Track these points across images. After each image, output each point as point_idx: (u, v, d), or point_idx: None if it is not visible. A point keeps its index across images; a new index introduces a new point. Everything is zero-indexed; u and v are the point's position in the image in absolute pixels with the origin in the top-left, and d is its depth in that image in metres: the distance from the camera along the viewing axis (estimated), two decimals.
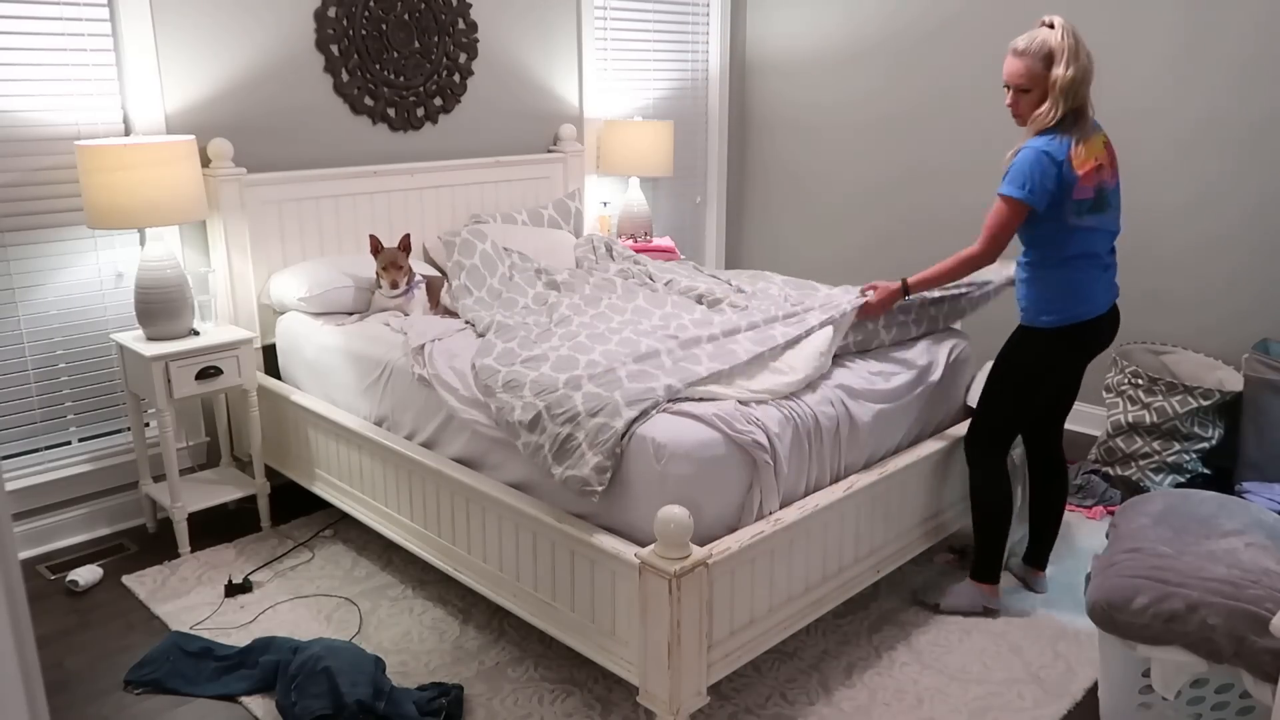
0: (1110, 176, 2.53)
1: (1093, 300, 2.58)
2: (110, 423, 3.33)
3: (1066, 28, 2.47)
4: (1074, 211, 2.46)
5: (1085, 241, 2.52)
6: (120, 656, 2.59)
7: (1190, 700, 2.02)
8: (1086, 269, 2.55)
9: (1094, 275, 2.57)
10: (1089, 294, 2.57)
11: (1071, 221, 2.47)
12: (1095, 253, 2.56)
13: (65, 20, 3.01)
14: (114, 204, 2.85)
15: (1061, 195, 2.44)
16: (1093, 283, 2.57)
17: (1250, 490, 3.21)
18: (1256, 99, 3.58)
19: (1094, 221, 2.50)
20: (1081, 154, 2.44)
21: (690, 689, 2.10)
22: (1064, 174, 2.42)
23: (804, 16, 4.93)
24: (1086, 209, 2.47)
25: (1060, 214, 2.46)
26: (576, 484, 2.21)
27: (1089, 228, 2.50)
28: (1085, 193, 2.46)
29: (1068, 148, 2.43)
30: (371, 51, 3.71)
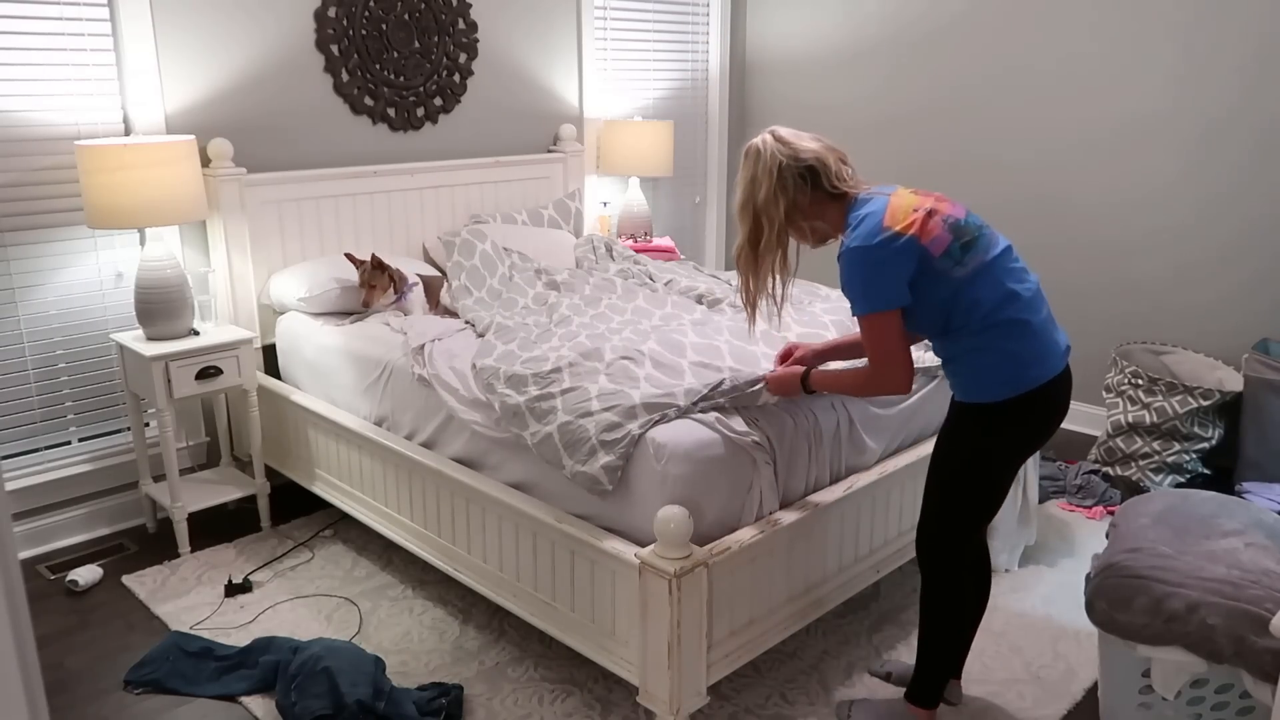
0: (947, 209, 2.03)
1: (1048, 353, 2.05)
2: (110, 423, 3.33)
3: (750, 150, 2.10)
4: (952, 265, 1.97)
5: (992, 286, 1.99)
6: (120, 656, 2.59)
7: (1190, 700, 2.02)
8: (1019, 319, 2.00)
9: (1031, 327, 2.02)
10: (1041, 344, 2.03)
11: (958, 275, 1.97)
12: (1014, 293, 2.00)
13: (65, 20, 3.01)
14: (114, 204, 2.85)
15: (919, 266, 1.96)
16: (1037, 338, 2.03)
17: (1250, 490, 3.21)
18: (1259, 103, 3.58)
19: (980, 260, 1.99)
20: (896, 215, 1.97)
21: (690, 689, 2.10)
22: (899, 246, 1.94)
23: (804, 16, 4.93)
24: (959, 252, 1.97)
25: (941, 282, 1.97)
26: (587, 481, 2.21)
27: (983, 269, 1.99)
28: (942, 241, 1.96)
29: (878, 221, 1.96)
30: (371, 51, 3.71)
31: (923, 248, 1.95)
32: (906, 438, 2.79)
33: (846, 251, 2.00)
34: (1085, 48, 3.97)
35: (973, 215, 2.07)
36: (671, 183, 5.03)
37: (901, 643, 2.65)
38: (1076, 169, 4.08)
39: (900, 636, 2.68)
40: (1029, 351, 2.01)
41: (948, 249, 1.97)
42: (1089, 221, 4.08)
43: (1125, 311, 4.04)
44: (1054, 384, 2.05)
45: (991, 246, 2.03)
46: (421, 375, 2.76)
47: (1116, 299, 4.05)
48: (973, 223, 2.04)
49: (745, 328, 2.52)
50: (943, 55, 4.42)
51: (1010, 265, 2.03)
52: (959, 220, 2.01)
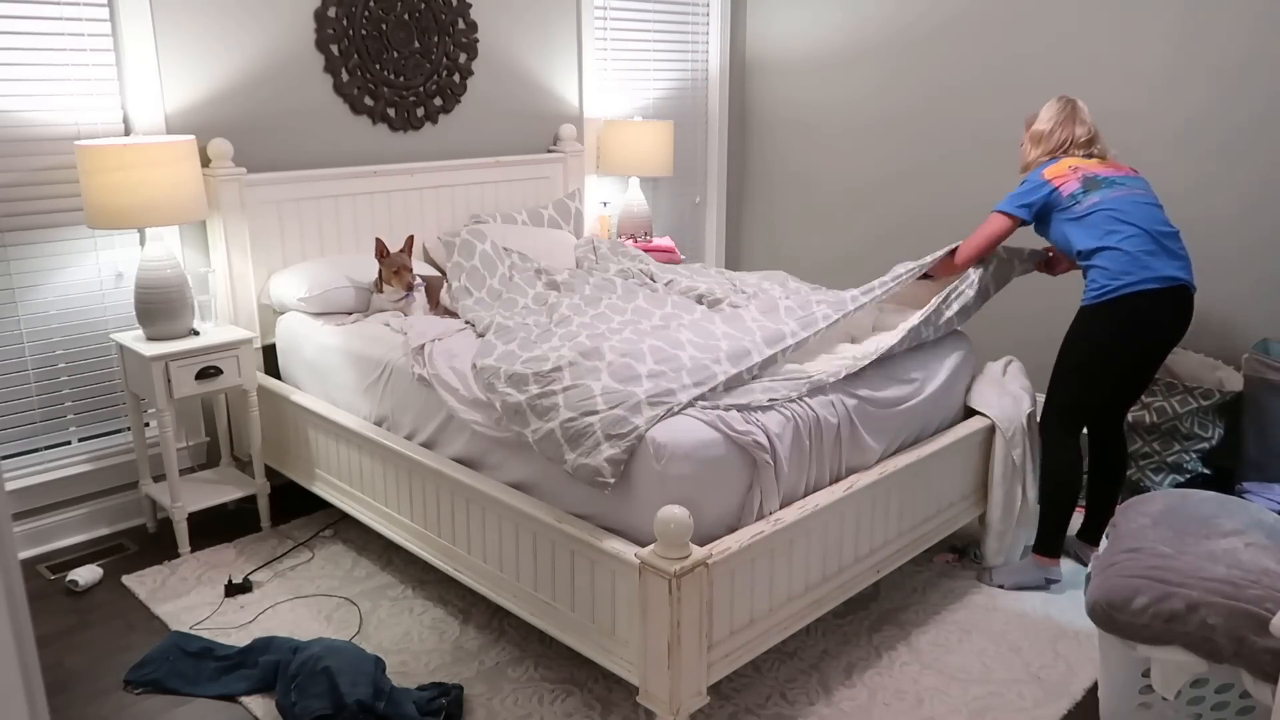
0: (1097, 169, 2.79)
1: (1139, 271, 2.66)
2: (110, 423, 3.33)
3: (1060, 101, 2.97)
4: (1073, 202, 2.75)
5: (1110, 218, 2.70)
6: (120, 656, 2.59)
7: (1190, 700, 2.02)
8: (1129, 242, 2.67)
9: (1141, 246, 2.67)
10: (1135, 265, 2.66)
11: (1079, 210, 2.74)
12: (1131, 223, 2.69)
13: (65, 20, 3.01)
14: (114, 204, 2.86)
15: (1048, 202, 2.80)
16: (1139, 255, 2.66)
17: (1250, 490, 3.21)
18: (1256, 99, 3.57)
19: (1099, 198, 2.72)
20: (1053, 169, 2.82)
21: (690, 689, 2.10)
22: (1039, 186, 2.82)
23: (804, 16, 4.93)
24: (1081, 193, 2.75)
25: (1065, 213, 2.77)
26: (588, 473, 2.21)
27: (1100, 206, 2.71)
28: (1070, 185, 2.77)
29: (1040, 170, 2.86)
30: (371, 51, 3.71)
31: (1053, 189, 2.79)
32: (907, 438, 2.79)
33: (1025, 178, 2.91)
34: (1086, 48, 3.97)
35: (1127, 178, 2.80)
36: (671, 183, 5.03)
37: (901, 643, 2.65)
38: None
39: (900, 637, 2.68)
40: (1120, 268, 2.66)
41: (1073, 192, 2.76)
42: None
43: None
44: (1142, 296, 2.65)
45: (1117, 198, 2.72)
46: (421, 375, 2.76)
47: None
48: (1110, 180, 2.76)
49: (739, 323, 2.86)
50: (943, 55, 4.42)
51: (1127, 208, 2.71)
52: (1096, 175, 2.77)
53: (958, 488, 2.94)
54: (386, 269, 3.30)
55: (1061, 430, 2.86)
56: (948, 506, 2.92)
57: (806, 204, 5.12)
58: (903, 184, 4.69)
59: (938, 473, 2.83)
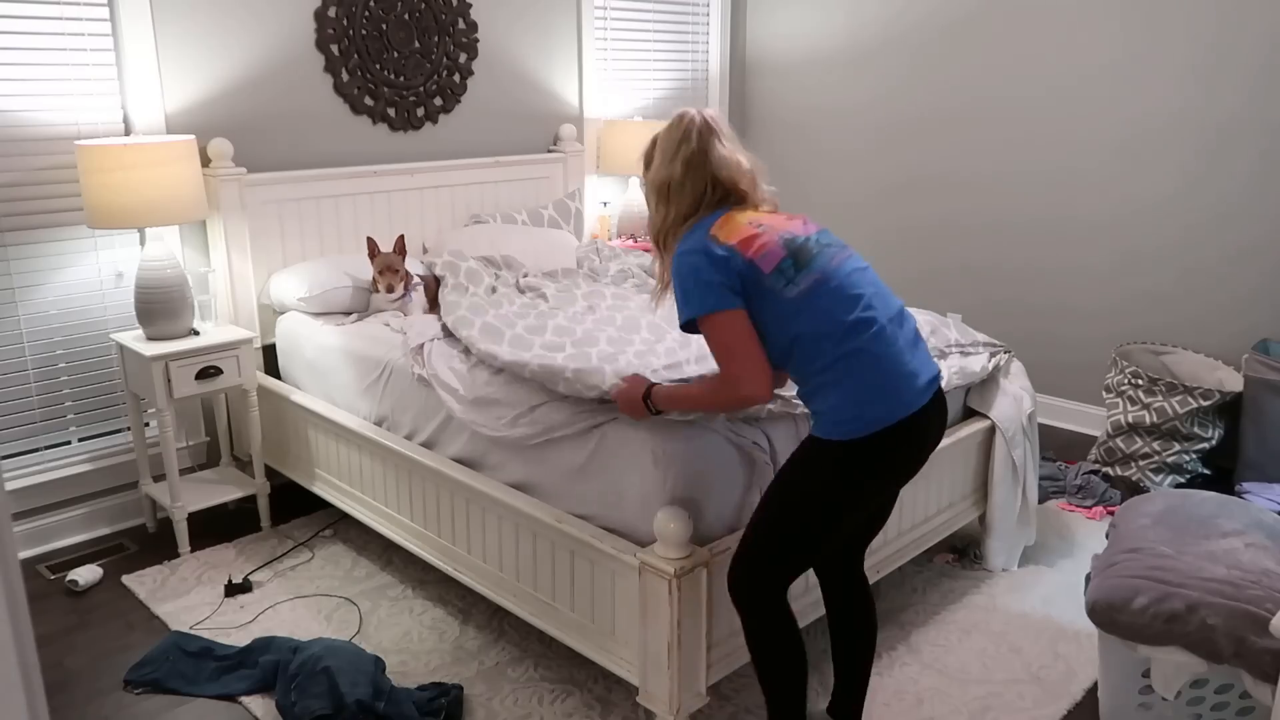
0: (790, 226, 1.94)
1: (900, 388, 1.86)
2: (110, 423, 3.33)
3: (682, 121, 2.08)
4: (785, 283, 1.85)
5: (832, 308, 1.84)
6: (120, 656, 2.59)
7: (1190, 700, 2.02)
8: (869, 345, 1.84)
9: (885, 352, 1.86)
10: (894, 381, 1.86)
11: (792, 295, 1.84)
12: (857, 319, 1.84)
13: (65, 20, 3.01)
14: (114, 204, 2.86)
15: (747, 283, 1.85)
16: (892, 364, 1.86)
17: (1250, 490, 3.22)
18: (1261, 107, 3.57)
19: (815, 275, 1.86)
20: (724, 228, 1.90)
21: (690, 689, 2.10)
22: (718, 254, 1.86)
23: (805, 17, 4.93)
24: (792, 269, 1.85)
25: (773, 302, 1.85)
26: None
27: (817, 286, 1.85)
28: (773, 256, 1.86)
29: (704, 231, 1.91)
30: (371, 51, 3.71)
31: (748, 262, 1.84)
32: None
33: (676, 260, 1.93)
34: (1090, 53, 3.97)
35: (824, 233, 1.95)
36: None
37: (902, 644, 2.65)
38: (1079, 173, 4.08)
39: (900, 637, 2.68)
40: (874, 388, 1.83)
41: (779, 265, 1.85)
42: (1090, 222, 4.08)
43: (1125, 311, 4.04)
44: (904, 425, 1.85)
45: (835, 265, 1.89)
46: (421, 375, 2.75)
47: (1116, 299, 4.05)
48: (818, 240, 1.92)
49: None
50: (946, 59, 4.42)
51: (858, 289, 1.88)
52: (796, 236, 1.90)
53: (958, 488, 2.94)
54: (376, 268, 3.30)
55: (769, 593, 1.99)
56: (948, 506, 2.92)
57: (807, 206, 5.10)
58: (905, 189, 4.69)
59: (938, 473, 2.83)
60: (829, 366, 1.84)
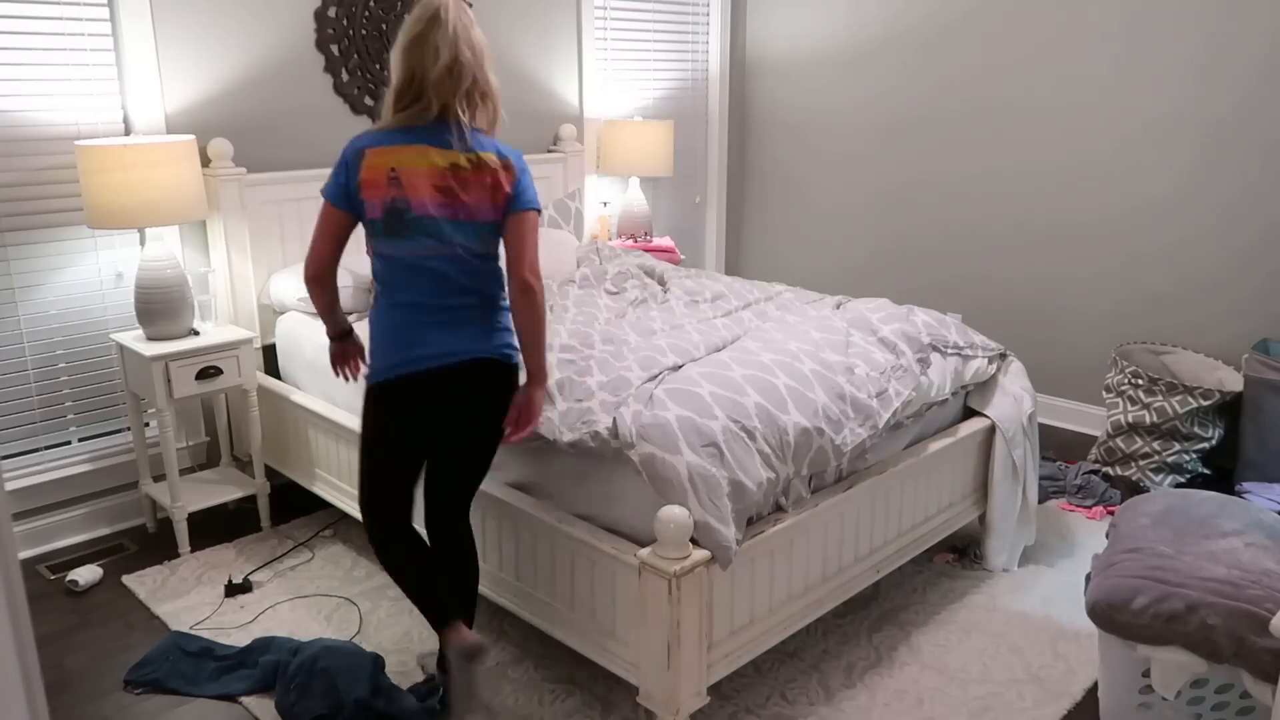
0: (420, 197, 2.00)
1: (387, 353, 2.08)
2: (110, 423, 3.33)
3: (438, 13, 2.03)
4: (370, 231, 2.07)
5: (391, 272, 2.06)
6: (120, 656, 2.59)
7: (1190, 700, 2.02)
8: (396, 311, 2.08)
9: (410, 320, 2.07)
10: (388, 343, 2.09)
11: (372, 238, 2.07)
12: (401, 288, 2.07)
13: (65, 20, 3.01)
14: (114, 204, 2.86)
15: (349, 199, 2.06)
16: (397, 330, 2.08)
17: (1250, 490, 3.22)
18: (1261, 106, 3.57)
19: (390, 248, 2.04)
20: (374, 158, 2.01)
21: (690, 689, 2.10)
22: (349, 173, 2.04)
23: (805, 17, 4.93)
24: (379, 230, 2.04)
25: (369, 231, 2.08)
26: None
27: (387, 256, 2.06)
28: (372, 210, 2.02)
29: (364, 144, 2.04)
30: (371, 51, 3.71)
31: (356, 193, 2.04)
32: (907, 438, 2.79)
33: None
34: (1090, 53, 3.97)
35: (447, 224, 2.03)
36: (671, 183, 5.03)
37: (902, 644, 2.65)
38: (1079, 173, 4.08)
39: (901, 637, 2.68)
40: (385, 345, 2.08)
41: (370, 218, 2.04)
42: (1090, 223, 4.08)
43: (1125, 311, 4.04)
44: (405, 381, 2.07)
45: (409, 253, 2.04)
46: None
47: (1117, 299, 4.05)
48: (427, 227, 2.02)
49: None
50: (946, 60, 4.42)
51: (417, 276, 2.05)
52: (408, 212, 2.01)
53: (958, 488, 2.94)
54: None
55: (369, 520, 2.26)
56: (948, 506, 2.92)
57: (807, 205, 5.12)
58: (905, 189, 4.69)
59: (938, 473, 2.83)
60: (375, 309, 2.12)
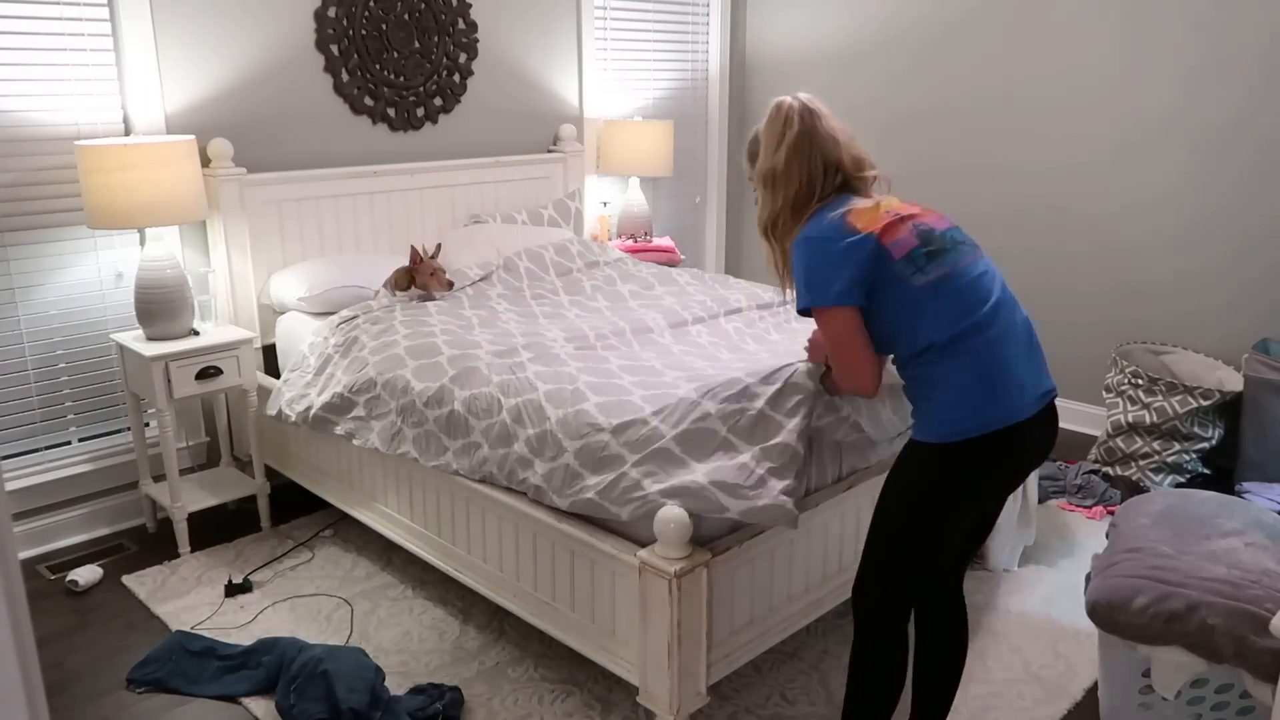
0: (926, 218, 1.91)
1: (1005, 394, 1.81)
2: (110, 423, 3.33)
3: (781, 109, 2.06)
4: (913, 271, 1.82)
5: (954, 306, 1.81)
6: (120, 656, 2.59)
7: (1190, 700, 2.02)
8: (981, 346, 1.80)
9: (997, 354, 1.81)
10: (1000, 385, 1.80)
11: (920, 284, 1.81)
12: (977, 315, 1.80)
13: (65, 20, 3.01)
14: (114, 204, 2.86)
15: (876, 267, 1.83)
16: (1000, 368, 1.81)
17: (1250, 490, 3.21)
18: (1260, 106, 3.57)
19: (944, 268, 1.83)
20: (862, 215, 1.87)
21: (690, 689, 2.10)
22: (847, 241, 1.83)
23: (805, 16, 4.93)
24: (924, 259, 1.82)
25: (899, 288, 1.83)
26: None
27: (946, 279, 1.82)
28: (906, 244, 1.83)
29: (840, 216, 1.87)
30: (371, 51, 3.71)
31: (882, 247, 1.82)
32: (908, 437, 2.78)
33: (797, 242, 1.89)
34: (1091, 53, 3.97)
35: (957, 230, 1.91)
36: (671, 183, 5.03)
37: None
38: (1079, 172, 4.08)
39: None
40: (979, 392, 1.79)
41: (910, 253, 1.82)
42: (1090, 222, 4.08)
43: (1125, 311, 4.04)
44: (1006, 434, 1.79)
45: (966, 264, 1.85)
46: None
47: (1117, 299, 4.05)
48: (951, 236, 1.88)
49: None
50: (946, 59, 4.41)
51: (983, 290, 1.84)
52: (933, 229, 1.87)
53: None
54: (422, 274, 3.30)
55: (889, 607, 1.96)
56: None
57: None
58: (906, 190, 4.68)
59: None
60: (938, 362, 1.81)
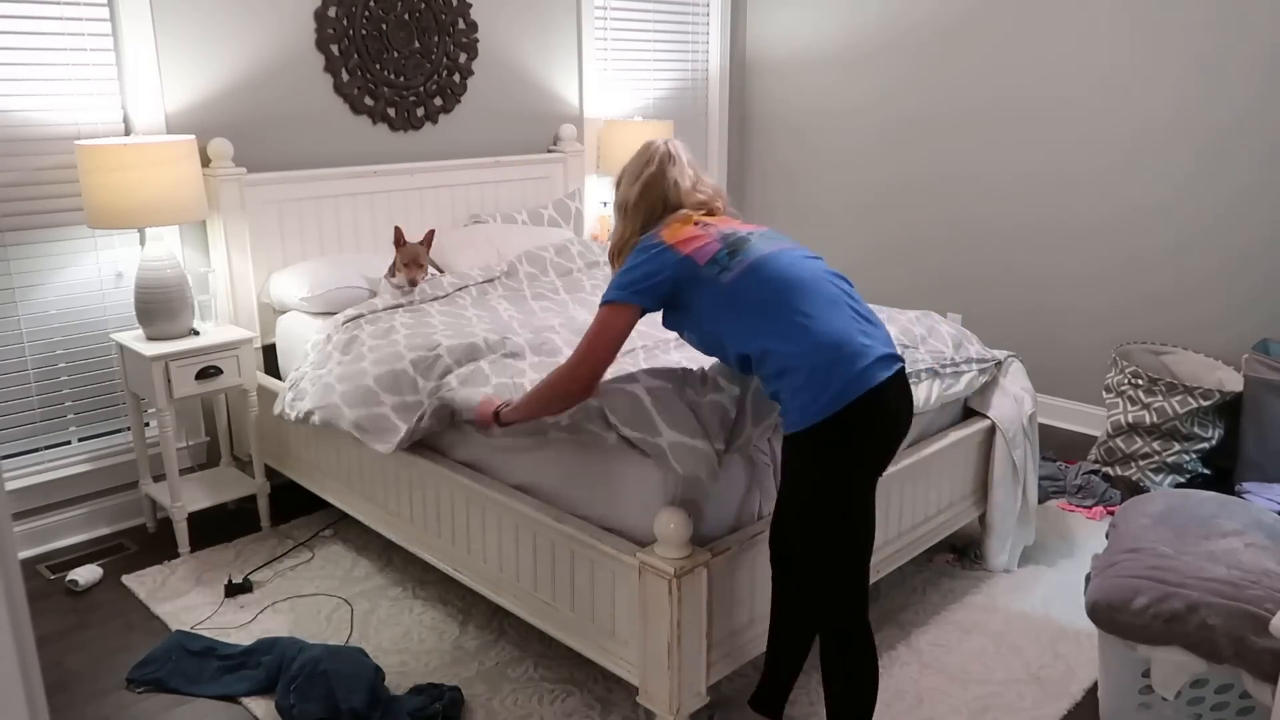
0: (734, 226, 2.07)
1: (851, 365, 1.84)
2: (110, 422, 3.33)
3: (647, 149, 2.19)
4: (718, 271, 1.93)
5: (767, 292, 1.90)
6: (120, 656, 2.59)
7: (1190, 700, 2.02)
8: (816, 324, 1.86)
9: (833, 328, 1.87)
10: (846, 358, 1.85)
11: (727, 280, 1.91)
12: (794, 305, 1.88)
13: (65, 20, 3.01)
14: (114, 204, 2.86)
15: (681, 275, 1.96)
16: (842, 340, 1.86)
17: (1250, 490, 3.21)
18: (1260, 108, 3.57)
19: (749, 260, 1.92)
20: (668, 229, 2.03)
21: (690, 689, 2.10)
22: (664, 258, 1.97)
23: (805, 17, 4.93)
24: (726, 257, 1.94)
25: (706, 290, 1.94)
26: None
27: (751, 269, 1.91)
28: (709, 249, 1.95)
29: (656, 231, 2.05)
30: (371, 51, 3.71)
31: (684, 257, 1.96)
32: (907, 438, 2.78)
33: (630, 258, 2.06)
34: (1091, 54, 3.97)
35: (771, 232, 2.05)
36: None
37: (902, 644, 2.65)
38: (1078, 173, 4.08)
39: (901, 637, 2.68)
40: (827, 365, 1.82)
41: (714, 256, 1.95)
42: (1089, 222, 4.08)
43: (1125, 311, 4.04)
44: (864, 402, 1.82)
45: (771, 251, 1.95)
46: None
47: (1116, 299, 4.05)
48: (755, 234, 2.02)
49: None
50: (946, 60, 4.42)
51: (793, 272, 1.91)
52: (736, 232, 2.02)
53: (958, 488, 2.94)
54: (400, 258, 3.28)
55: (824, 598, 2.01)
56: (948, 507, 2.92)
57: (807, 206, 5.12)
58: (906, 189, 4.69)
59: (938, 473, 2.83)
60: (775, 356, 1.87)
